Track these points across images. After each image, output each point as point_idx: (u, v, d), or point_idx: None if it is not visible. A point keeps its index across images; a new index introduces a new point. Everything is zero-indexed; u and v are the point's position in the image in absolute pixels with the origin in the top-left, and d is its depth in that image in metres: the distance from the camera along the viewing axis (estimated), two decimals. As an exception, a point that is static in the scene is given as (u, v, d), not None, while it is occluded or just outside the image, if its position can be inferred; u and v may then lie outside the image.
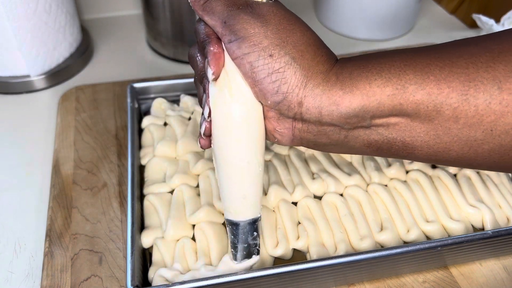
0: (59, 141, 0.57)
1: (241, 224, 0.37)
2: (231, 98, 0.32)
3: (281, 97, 0.31)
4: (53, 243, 0.46)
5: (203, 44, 0.33)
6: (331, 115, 0.31)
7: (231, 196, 0.36)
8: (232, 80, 0.32)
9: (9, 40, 0.61)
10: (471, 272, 0.45)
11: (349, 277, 0.43)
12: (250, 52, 0.31)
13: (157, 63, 0.73)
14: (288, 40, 0.31)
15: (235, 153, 0.34)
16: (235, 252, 0.39)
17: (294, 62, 0.31)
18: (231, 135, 0.33)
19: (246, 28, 0.31)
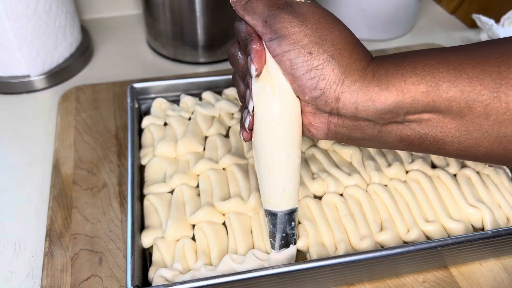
0: (59, 141, 0.57)
1: (280, 214, 0.39)
2: (273, 94, 0.34)
3: (319, 92, 0.33)
4: (53, 243, 0.46)
5: (245, 42, 0.34)
6: (367, 110, 0.33)
7: (271, 188, 0.38)
8: (273, 76, 0.34)
9: (9, 40, 0.61)
10: (471, 272, 0.45)
11: (349, 277, 0.43)
12: (290, 49, 0.32)
13: (157, 63, 0.73)
14: (327, 38, 0.33)
15: (276, 146, 0.36)
16: (273, 241, 0.41)
17: (332, 60, 0.32)
18: (273, 129, 0.35)
19: (287, 26, 0.32)
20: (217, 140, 0.52)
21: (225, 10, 0.68)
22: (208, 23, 0.67)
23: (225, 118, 0.55)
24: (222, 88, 0.59)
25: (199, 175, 0.49)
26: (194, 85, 0.59)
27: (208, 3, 0.65)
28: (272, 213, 0.39)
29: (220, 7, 0.67)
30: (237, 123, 0.54)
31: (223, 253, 0.43)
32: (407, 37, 0.80)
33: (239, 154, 0.51)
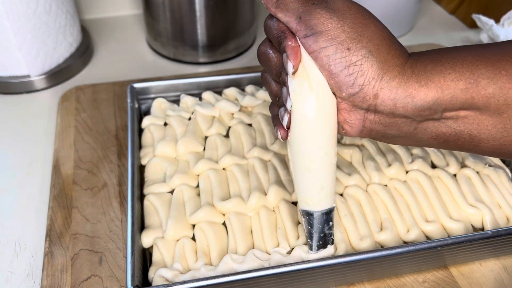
0: (59, 141, 0.57)
1: (317, 214, 0.38)
2: (311, 90, 0.33)
3: (357, 89, 0.32)
4: (53, 243, 0.46)
5: (278, 39, 0.34)
6: (405, 107, 0.32)
7: (309, 187, 0.37)
8: (310, 73, 0.33)
9: (9, 40, 0.61)
10: (471, 272, 0.45)
11: (349, 277, 0.43)
12: (328, 46, 0.32)
13: (157, 63, 0.73)
14: (364, 33, 0.32)
15: (314, 144, 0.35)
16: (311, 242, 0.40)
17: (371, 55, 0.32)
18: (311, 126, 0.35)
19: (323, 22, 0.32)
20: (217, 140, 0.52)
21: (225, 10, 0.68)
22: (208, 23, 0.67)
23: (225, 118, 0.56)
24: (222, 88, 0.59)
25: (199, 175, 0.49)
26: (194, 85, 0.59)
27: (208, 3, 0.65)
28: (310, 213, 0.39)
29: (220, 7, 0.67)
30: (237, 123, 0.54)
31: (223, 253, 0.43)
32: (407, 37, 0.80)
33: (239, 154, 0.51)
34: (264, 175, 0.49)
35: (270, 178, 0.48)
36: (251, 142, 0.52)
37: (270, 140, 0.52)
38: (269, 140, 0.52)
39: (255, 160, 0.50)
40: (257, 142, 0.53)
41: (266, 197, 0.46)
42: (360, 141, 0.53)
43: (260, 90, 0.57)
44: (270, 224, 0.44)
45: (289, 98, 0.34)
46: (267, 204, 0.46)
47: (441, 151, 0.52)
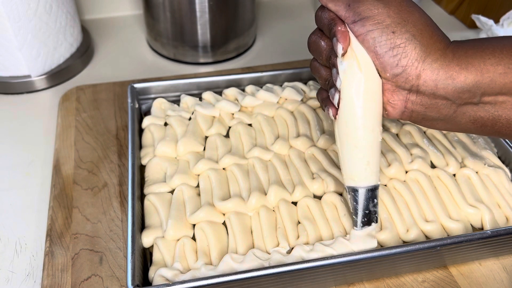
0: (59, 141, 0.57)
1: (363, 190, 0.40)
2: (359, 70, 0.36)
3: (400, 69, 0.35)
4: (54, 242, 0.46)
5: (328, 26, 0.37)
6: (446, 88, 0.35)
7: (356, 163, 0.39)
8: (358, 54, 0.36)
9: (9, 41, 0.61)
10: (471, 271, 0.45)
11: (349, 277, 0.43)
12: (374, 29, 0.35)
13: (158, 64, 0.73)
14: (409, 19, 0.35)
15: (362, 121, 0.37)
16: (356, 218, 0.42)
17: (414, 39, 0.34)
18: (360, 103, 0.37)
19: (370, 8, 0.35)
20: (217, 140, 0.52)
21: (225, 11, 0.68)
22: (208, 23, 0.68)
23: (225, 118, 0.56)
24: (222, 88, 0.59)
25: (199, 175, 0.49)
26: (194, 85, 0.59)
27: (208, 3, 0.65)
28: (356, 190, 0.40)
29: (220, 8, 0.67)
30: (237, 123, 0.54)
31: (223, 252, 0.43)
32: (406, 37, 0.80)
33: (239, 154, 0.51)
34: (264, 175, 0.49)
35: (270, 178, 0.48)
36: (251, 142, 0.52)
37: (270, 140, 0.53)
38: (269, 140, 0.53)
39: (255, 160, 0.50)
40: (257, 142, 0.53)
41: (266, 197, 0.46)
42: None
43: (260, 90, 0.57)
44: (270, 223, 0.45)
45: (339, 77, 0.37)
46: (267, 204, 0.46)
47: (440, 151, 0.52)
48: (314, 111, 0.56)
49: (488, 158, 0.52)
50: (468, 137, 0.54)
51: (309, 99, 0.58)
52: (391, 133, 0.53)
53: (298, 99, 0.57)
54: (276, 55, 0.75)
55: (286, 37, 0.80)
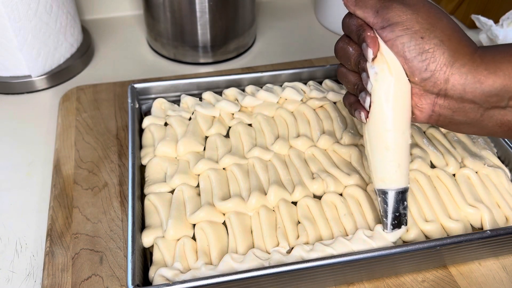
0: (60, 141, 0.57)
1: (394, 193, 0.41)
2: (390, 73, 0.37)
3: (429, 74, 0.36)
4: (54, 242, 0.46)
5: (357, 32, 0.38)
6: (474, 92, 0.35)
7: (386, 165, 0.40)
8: (388, 59, 0.37)
9: (10, 41, 0.61)
10: (470, 271, 0.45)
11: (349, 277, 0.43)
12: (403, 34, 0.36)
13: (158, 64, 0.73)
14: (437, 25, 0.36)
15: (393, 123, 0.38)
16: (386, 221, 0.42)
17: (442, 44, 0.35)
18: (391, 106, 0.38)
19: (399, 14, 0.36)
20: (217, 140, 0.53)
21: (225, 11, 0.68)
22: (208, 23, 0.68)
23: (225, 118, 0.56)
24: (222, 89, 0.59)
25: (199, 175, 0.49)
26: (195, 86, 0.59)
27: (208, 3, 0.65)
28: (386, 192, 0.41)
29: (220, 8, 0.67)
30: (237, 123, 0.54)
31: (223, 252, 0.43)
32: (406, 37, 0.80)
33: (239, 154, 0.51)
34: (264, 175, 0.49)
35: (270, 178, 0.48)
36: (251, 142, 0.53)
37: (270, 140, 0.53)
38: (269, 140, 0.53)
39: (255, 160, 0.50)
40: (257, 142, 0.53)
41: (266, 197, 0.47)
42: (360, 141, 0.53)
43: (260, 90, 0.57)
44: (270, 223, 0.45)
45: (370, 81, 0.38)
46: (267, 203, 0.46)
47: (440, 151, 0.52)
48: (314, 111, 0.56)
49: (487, 158, 0.52)
50: (468, 137, 0.55)
51: (309, 99, 0.58)
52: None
53: (298, 99, 0.57)
54: (276, 55, 0.75)
55: (286, 37, 0.80)
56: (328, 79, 0.61)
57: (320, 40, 0.79)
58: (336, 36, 0.80)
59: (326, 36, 0.80)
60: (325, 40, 0.79)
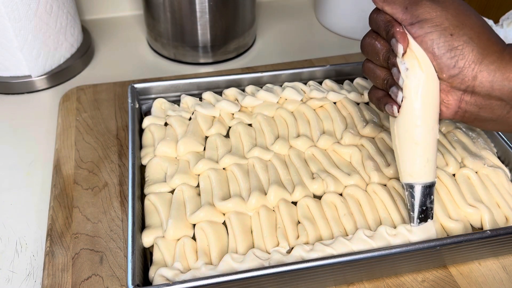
0: (60, 141, 0.57)
1: (421, 187, 0.42)
2: (421, 69, 0.38)
3: (457, 71, 0.37)
4: (54, 242, 0.46)
5: (385, 28, 0.39)
6: (502, 89, 0.36)
7: (415, 160, 0.41)
8: (417, 54, 0.38)
9: (10, 41, 0.61)
10: (470, 271, 0.45)
11: (349, 277, 0.43)
12: (433, 31, 0.36)
13: (158, 64, 0.73)
14: (466, 22, 0.37)
15: (424, 118, 0.39)
16: (413, 214, 0.43)
17: (471, 41, 0.36)
18: (422, 101, 0.38)
19: (429, 11, 0.37)
20: (217, 140, 0.53)
21: (225, 11, 0.68)
22: (208, 23, 0.68)
23: (225, 118, 0.56)
24: (223, 89, 0.59)
25: (200, 175, 0.49)
26: (195, 86, 0.59)
27: (208, 3, 0.66)
28: (413, 186, 0.42)
29: (220, 8, 0.67)
30: (237, 123, 0.54)
31: (223, 252, 0.43)
32: (406, 37, 0.80)
33: (239, 154, 0.51)
34: (264, 175, 0.49)
35: (270, 178, 0.48)
36: (251, 142, 0.53)
37: (270, 140, 0.53)
38: (269, 140, 0.53)
39: (255, 160, 0.50)
40: (257, 142, 0.53)
41: (266, 197, 0.47)
42: (360, 141, 0.53)
43: (260, 90, 0.57)
44: (270, 223, 0.45)
45: (401, 76, 0.38)
46: (267, 203, 0.46)
47: (440, 151, 0.52)
48: (314, 111, 0.56)
49: (487, 158, 0.52)
50: (468, 137, 0.55)
51: (309, 99, 0.58)
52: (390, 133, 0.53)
53: (298, 99, 0.57)
54: (276, 55, 0.75)
55: (286, 37, 0.80)
56: (328, 79, 0.61)
57: (320, 40, 0.79)
58: (336, 36, 0.80)
59: (326, 36, 0.80)
60: (325, 40, 0.79)
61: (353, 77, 0.62)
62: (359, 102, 0.58)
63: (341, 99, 0.58)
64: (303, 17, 0.85)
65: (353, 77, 0.62)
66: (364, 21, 0.76)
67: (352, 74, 0.63)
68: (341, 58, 0.71)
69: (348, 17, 0.77)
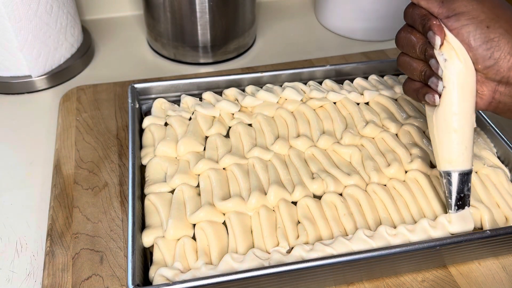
0: (60, 141, 0.57)
1: (459, 174, 0.43)
2: (459, 59, 0.39)
3: (492, 62, 0.38)
4: (54, 242, 0.46)
5: (422, 22, 0.40)
6: None
7: (454, 148, 0.42)
8: (455, 46, 0.39)
9: (10, 41, 0.61)
10: (470, 271, 0.45)
11: (349, 276, 0.43)
12: (469, 23, 0.38)
13: (158, 64, 0.73)
14: (502, 16, 0.38)
15: (462, 107, 0.41)
16: (451, 201, 0.44)
17: (507, 34, 0.38)
18: (461, 91, 0.40)
19: (465, 4, 0.38)
20: (217, 140, 0.53)
21: (225, 11, 0.68)
22: (208, 23, 0.68)
23: (225, 118, 0.56)
24: (223, 89, 0.59)
25: (200, 175, 0.49)
26: (195, 86, 0.59)
27: (209, 3, 0.66)
28: (451, 174, 0.43)
29: (220, 8, 0.67)
30: (237, 123, 0.55)
31: (223, 252, 0.43)
32: (406, 37, 0.80)
33: (239, 154, 0.51)
34: (264, 175, 0.49)
35: (270, 178, 0.49)
36: (251, 142, 0.53)
37: (270, 140, 0.53)
38: (269, 140, 0.53)
39: (255, 160, 0.50)
40: (257, 142, 0.53)
41: (266, 197, 0.47)
42: (360, 141, 0.53)
43: (260, 91, 0.58)
44: (270, 223, 0.45)
45: (440, 67, 0.40)
46: (267, 203, 0.46)
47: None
48: (314, 111, 0.56)
49: (487, 158, 0.52)
50: (468, 137, 0.55)
51: (309, 99, 0.58)
52: (390, 133, 0.54)
53: (298, 99, 0.57)
54: (276, 55, 0.75)
55: (286, 37, 0.80)
56: (328, 79, 0.61)
57: (320, 40, 0.79)
58: (336, 36, 0.80)
59: (326, 36, 0.80)
60: (325, 40, 0.79)
61: (353, 77, 0.62)
62: (359, 102, 0.58)
63: (341, 99, 0.58)
64: (303, 17, 0.85)
65: (353, 77, 0.62)
66: (364, 22, 0.77)
67: (352, 74, 0.63)
68: (341, 58, 0.71)
69: (348, 17, 0.77)
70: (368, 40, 0.79)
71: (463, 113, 0.41)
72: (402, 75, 0.63)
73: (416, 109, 0.57)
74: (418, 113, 0.57)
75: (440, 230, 0.43)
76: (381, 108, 0.57)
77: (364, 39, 0.79)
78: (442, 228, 0.44)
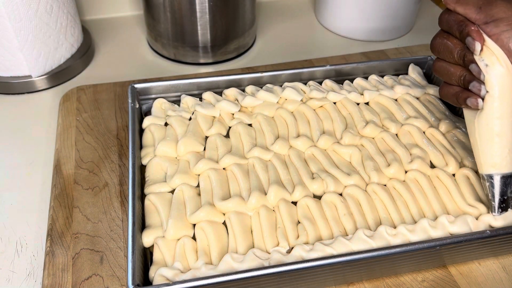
0: (60, 141, 0.57)
1: (502, 177, 0.43)
2: (500, 64, 0.40)
3: None
4: (54, 242, 0.46)
5: (459, 28, 0.41)
6: None
7: (497, 151, 0.43)
8: (494, 51, 0.40)
9: (10, 41, 0.61)
10: (470, 271, 0.45)
11: (349, 276, 0.43)
12: (509, 29, 0.39)
13: (158, 64, 0.73)
14: None
15: (504, 110, 0.41)
16: (494, 204, 0.44)
17: None
18: (503, 95, 0.41)
19: (504, 11, 0.39)
20: (217, 140, 0.53)
21: (225, 11, 0.68)
22: (208, 24, 0.68)
23: (225, 118, 0.56)
24: (223, 89, 0.59)
25: (200, 175, 0.49)
26: (195, 86, 0.59)
27: (209, 4, 0.66)
28: (494, 177, 0.43)
29: (220, 8, 0.67)
30: (237, 123, 0.55)
31: (223, 252, 0.43)
32: (406, 37, 0.80)
33: (239, 154, 0.51)
34: (264, 175, 0.49)
35: (270, 178, 0.49)
36: (251, 142, 0.53)
37: (270, 140, 0.53)
38: (269, 140, 0.53)
39: (255, 160, 0.50)
40: (257, 142, 0.53)
41: (266, 197, 0.47)
42: (360, 141, 0.53)
43: (260, 91, 0.58)
44: (270, 223, 0.45)
45: (482, 72, 0.40)
46: (267, 203, 0.46)
47: (440, 151, 0.52)
48: (314, 111, 0.56)
49: (487, 158, 0.52)
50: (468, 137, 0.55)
51: (309, 99, 0.58)
52: (390, 133, 0.54)
53: (298, 99, 0.57)
54: (276, 55, 0.75)
55: (286, 37, 0.80)
56: (328, 79, 0.61)
57: (320, 40, 0.79)
58: (336, 36, 0.80)
59: (326, 36, 0.80)
60: (325, 40, 0.79)
61: (353, 77, 0.63)
62: (359, 102, 0.58)
63: (341, 99, 0.58)
64: (303, 17, 0.85)
65: (353, 77, 0.63)
66: (364, 22, 0.77)
67: (352, 74, 0.63)
68: (341, 58, 0.71)
69: (348, 17, 0.77)
70: (368, 40, 0.79)
71: (505, 117, 0.41)
72: (402, 75, 0.63)
73: (416, 109, 0.57)
74: (418, 113, 0.57)
75: (440, 230, 0.43)
76: (381, 108, 0.57)
77: (364, 39, 0.79)
78: (442, 228, 0.44)
